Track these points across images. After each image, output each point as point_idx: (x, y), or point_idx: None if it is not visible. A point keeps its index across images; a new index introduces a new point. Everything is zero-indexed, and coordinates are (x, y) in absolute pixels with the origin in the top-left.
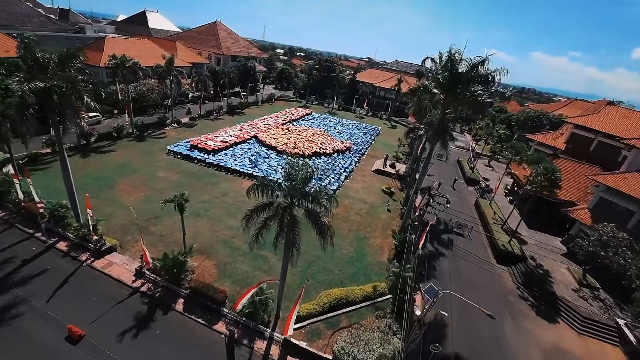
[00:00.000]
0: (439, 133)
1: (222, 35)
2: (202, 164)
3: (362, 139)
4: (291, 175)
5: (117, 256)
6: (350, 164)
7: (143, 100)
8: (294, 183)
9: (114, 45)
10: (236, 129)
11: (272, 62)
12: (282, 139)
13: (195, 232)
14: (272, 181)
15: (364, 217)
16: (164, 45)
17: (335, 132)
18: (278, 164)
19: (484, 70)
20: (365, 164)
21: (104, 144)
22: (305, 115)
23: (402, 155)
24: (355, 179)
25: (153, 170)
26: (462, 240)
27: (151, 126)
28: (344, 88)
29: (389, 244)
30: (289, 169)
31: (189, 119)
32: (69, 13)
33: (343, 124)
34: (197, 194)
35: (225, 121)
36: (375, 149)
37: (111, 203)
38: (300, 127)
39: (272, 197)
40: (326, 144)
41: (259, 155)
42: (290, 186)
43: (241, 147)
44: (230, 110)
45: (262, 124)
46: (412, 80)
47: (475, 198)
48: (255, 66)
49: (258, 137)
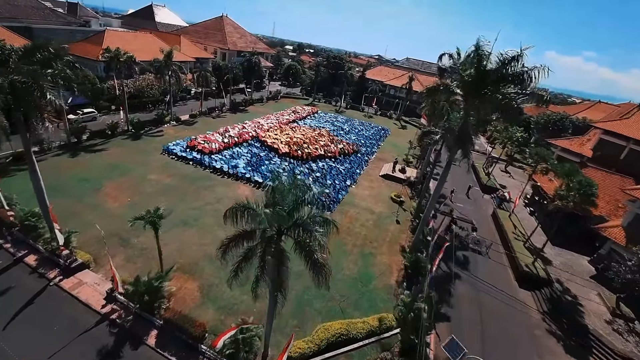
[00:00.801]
0: (460, 141)
1: (228, 30)
2: (197, 166)
3: (370, 140)
4: (278, 198)
5: (89, 274)
6: (358, 167)
7: (143, 96)
8: (280, 208)
9: (114, 38)
10: (237, 128)
11: (279, 58)
12: (285, 139)
13: (180, 245)
14: (253, 208)
15: (371, 230)
16: (167, 39)
17: (342, 132)
18: (279, 167)
19: (519, 68)
20: (373, 167)
21: (96, 142)
22: (312, 113)
23: (412, 158)
24: (362, 184)
25: (145, 172)
26: (480, 258)
27: (148, 123)
28: (352, 86)
29: (397, 263)
30: (273, 193)
31: (189, 116)
32: (77, 7)
33: (351, 124)
34: (189, 200)
35: (227, 119)
36: (384, 151)
37: (93, 209)
38: (305, 126)
39: (255, 224)
40: (332, 146)
41: (258, 158)
42: (275, 213)
43: (240, 148)
44: (233, 108)
45: (265, 122)
46: (423, 79)
47: (493, 208)
48: (260, 62)
49: (260, 138)
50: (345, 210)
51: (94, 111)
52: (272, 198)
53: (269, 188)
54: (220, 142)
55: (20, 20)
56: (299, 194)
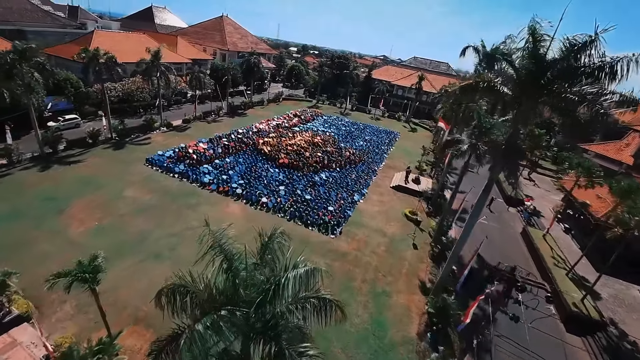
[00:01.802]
0: (507, 156)
1: (228, 30)
2: (183, 179)
3: (379, 145)
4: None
5: (27, 330)
6: (367, 178)
7: (133, 100)
8: (243, 306)
9: (103, 39)
10: (234, 134)
11: (282, 59)
12: (285, 147)
13: (148, 287)
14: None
15: (383, 259)
16: (164, 40)
17: (348, 137)
18: (275, 180)
19: (597, 57)
20: (383, 177)
21: (74, 152)
22: (315, 116)
23: (425, 165)
24: (370, 198)
25: (121, 187)
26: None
27: (135, 130)
28: (358, 87)
29: (418, 305)
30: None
31: (182, 121)
32: (77, 10)
33: (357, 127)
34: (167, 223)
35: (224, 123)
36: (395, 158)
37: (52, 236)
38: (307, 132)
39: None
40: (337, 154)
41: (253, 170)
42: (232, 316)
43: (233, 158)
44: (231, 111)
45: (264, 127)
46: (432, 78)
47: (521, 225)
48: (259, 62)
49: (257, 146)
50: (352, 233)
51: (77, 117)
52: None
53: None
54: (210, 152)
55: (13, 23)
56: (272, 277)
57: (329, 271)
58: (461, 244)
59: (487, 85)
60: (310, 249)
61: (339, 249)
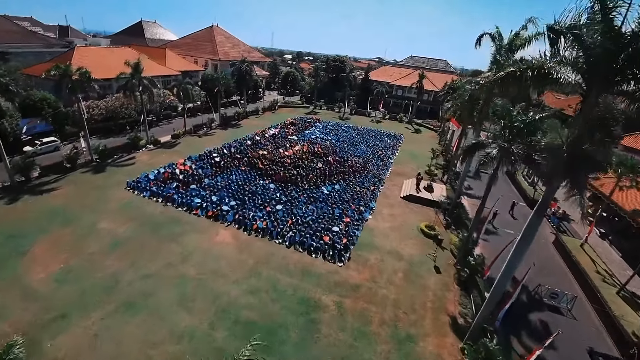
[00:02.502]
0: (572, 167)
1: (219, 40)
2: (167, 203)
3: (383, 150)
4: None
5: None
6: (374, 189)
7: (118, 118)
8: None
9: (85, 55)
10: (226, 149)
11: (276, 66)
12: (281, 160)
13: (116, 352)
14: None
15: (402, 289)
16: (152, 53)
17: (349, 143)
18: (272, 199)
19: None
20: (391, 185)
21: (49, 179)
22: (313, 123)
23: (435, 169)
24: (380, 211)
25: (96, 218)
26: (562, 319)
27: (119, 150)
28: (356, 89)
29: (451, 351)
30: None
31: (171, 136)
32: (68, 29)
33: (357, 132)
34: (144, 260)
35: (216, 136)
36: (401, 163)
37: (8, 286)
38: (305, 142)
39: None
40: (337, 165)
41: (247, 189)
42: None
43: (224, 176)
44: (223, 123)
45: (258, 138)
46: (432, 76)
47: (554, 234)
48: (251, 70)
49: (250, 159)
50: (362, 258)
51: (56, 140)
52: None
53: None
54: (199, 170)
55: None
56: None
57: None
58: (504, 281)
59: (539, 72)
60: (315, 282)
61: (349, 280)
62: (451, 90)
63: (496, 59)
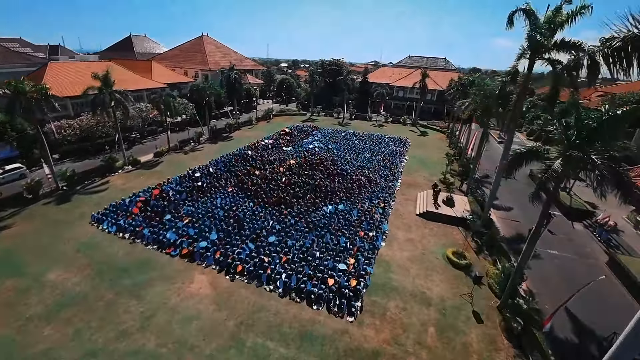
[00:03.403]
0: None
1: (209, 50)
2: (135, 240)
3: (388, 157)
4: None
5: None
6: (384, 206)
7: (95, 137)
8: None
9: (58, 71)
10: (211, 166)
11: (270, 74)
12: (274, 178)
13: None
14: None
15: (437, 354)
16: (138, 67)
17: (350, 152)
18: (262, 228)
19: None
20: (404, 200)
21: (5, 214)
22: (310, 131)
23: (451, 177)
24: (394, 236)
25: (45, 267)
26: None
27: (92, 174)
28: (354, 93)
29: None
30: None
31: (153, 154)
32: (58, 49)
33: (359, 138)
34: (92, 329)
35: (203, 152)
36: (411, 171)
37: None
38: (301, 154)
39: None
40: (339, 179)
41: (234, 217)
42: None
43: (207, 202)
44: (214, 136)
45: (251, 152)
46: (434, 75)
47: (603, 249)
48: (241, 77)
49: (238, 178)
50: (379, 308)
51: (21, 166)
52: None
53: None
54: (178, 196)
55: None
56: None
57: None
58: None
59: None
60: (319, 352)
61: (364, 344)
62: (461, 87)
63: (534, 39)
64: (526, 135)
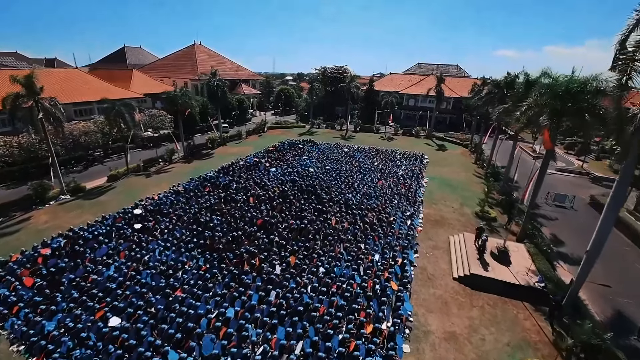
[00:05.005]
0: None
1: (201, 59)
2: (14, 337)
3: (403, 180)
4: None
5: None
6: (405, 264)
7: (35, 159)
8: None
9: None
10: (167, 197)
11: (269, 84)
12: (245, 211)
13: None
14: None
15: None
16: (117, 76)
17: (352, 173)
18: (212, 317)
19: None
20: (430, 248)
21: None
22: (307, 146)
23: (491, 209)
24: (422, 325)
25: None
26: None
27: (13, 207)
28: (359, 103)
29: None
30: None
31: (107, 178)
32: (54, 61)
33: (365, 154)
34: None
35: (171, 174)
36: (434, 197)
37: None
38: (288, 178)
39: None
40: (337, 221)
41: (159, 281)
42: None
43: (140, 275)
44: (190, 153)
45: (221, 176)
46: (447, 82)
47: None
48: (225, 84)
49: (194, 218)
50: None
51: None
52: None
53: None
54: (89, 255)
55: None
56: None
57: None
58: None
59: None
60: None
61: None
62: (496, 90)
63: None
64: (564, 148)
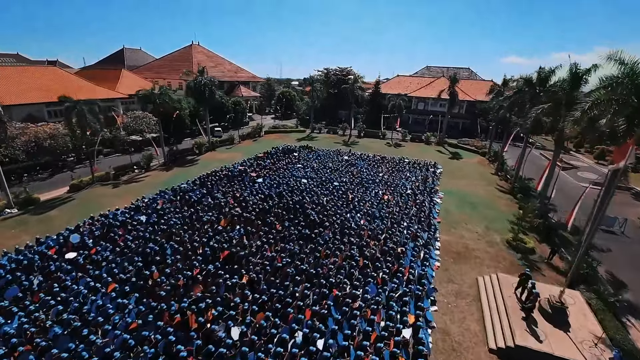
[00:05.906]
0: None
1: (198, 59)
2: None
3: (413, 197)
4: None
5: None
6: (417, 328)
7: None
8: None
9: None
10: (123, 215)
11: (270, 87)
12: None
13: None
14: None
15: None
16: (105, 76)
17: (353, 186)
18: None
19: None
20: (450, 294)
21: None
22: (305, 153)
23: (526, 236)
24: None
25: None
26: None
27: None
28: (364, 106)
29: None
30: None
31: (69, 187)
32: (55, 63)
33: (369, 163)
34: None
35: (143, 184)
36: (451, 221)
37: None
38: (275, 190)
39: None
40: (332, 261)
41: None
42: None
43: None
44: (171, 160)
45: (197, 189)
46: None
47: None
48: (215, 83)
49: (163, 246)
50: None
51: None
52: None
53: None
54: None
55: None
56: None
57: None
58: None
59: None
60: None
61: None
62: (526, 88)
63: None
64: (594, 158)
